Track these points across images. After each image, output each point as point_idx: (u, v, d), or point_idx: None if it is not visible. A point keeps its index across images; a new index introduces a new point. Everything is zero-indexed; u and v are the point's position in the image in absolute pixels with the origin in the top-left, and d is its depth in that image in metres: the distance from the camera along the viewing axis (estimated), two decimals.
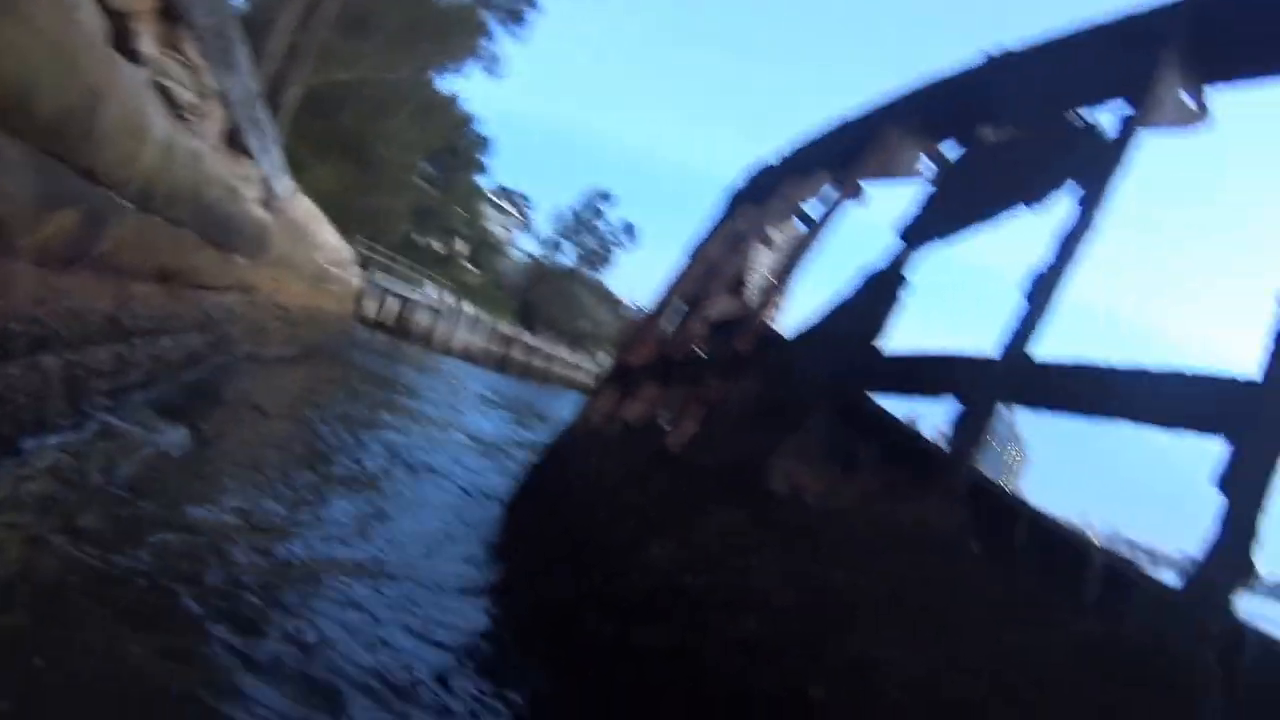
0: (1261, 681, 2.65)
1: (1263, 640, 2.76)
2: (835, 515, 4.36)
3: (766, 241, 9.15)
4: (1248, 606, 2.91)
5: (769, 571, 4.30)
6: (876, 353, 5.23)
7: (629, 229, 72.06)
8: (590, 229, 71.33)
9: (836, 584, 3.93)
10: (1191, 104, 4.83)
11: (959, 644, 3.29)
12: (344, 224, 25.24)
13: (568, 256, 70.75)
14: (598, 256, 71.53)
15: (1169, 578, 3.14)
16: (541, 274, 66.63)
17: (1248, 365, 3.23)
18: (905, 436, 4.84)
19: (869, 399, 5.17)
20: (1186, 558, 3.00)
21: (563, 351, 53.58)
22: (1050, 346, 4.16)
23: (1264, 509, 2.83)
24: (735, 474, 5.15)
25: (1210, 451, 3.06)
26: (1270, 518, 2.81)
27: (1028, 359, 4.12)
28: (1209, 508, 2.94)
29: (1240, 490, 2.90)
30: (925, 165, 6.94)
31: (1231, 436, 3.04)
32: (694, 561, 4.76)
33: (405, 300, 40.47)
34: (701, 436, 6.15)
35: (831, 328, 5.72)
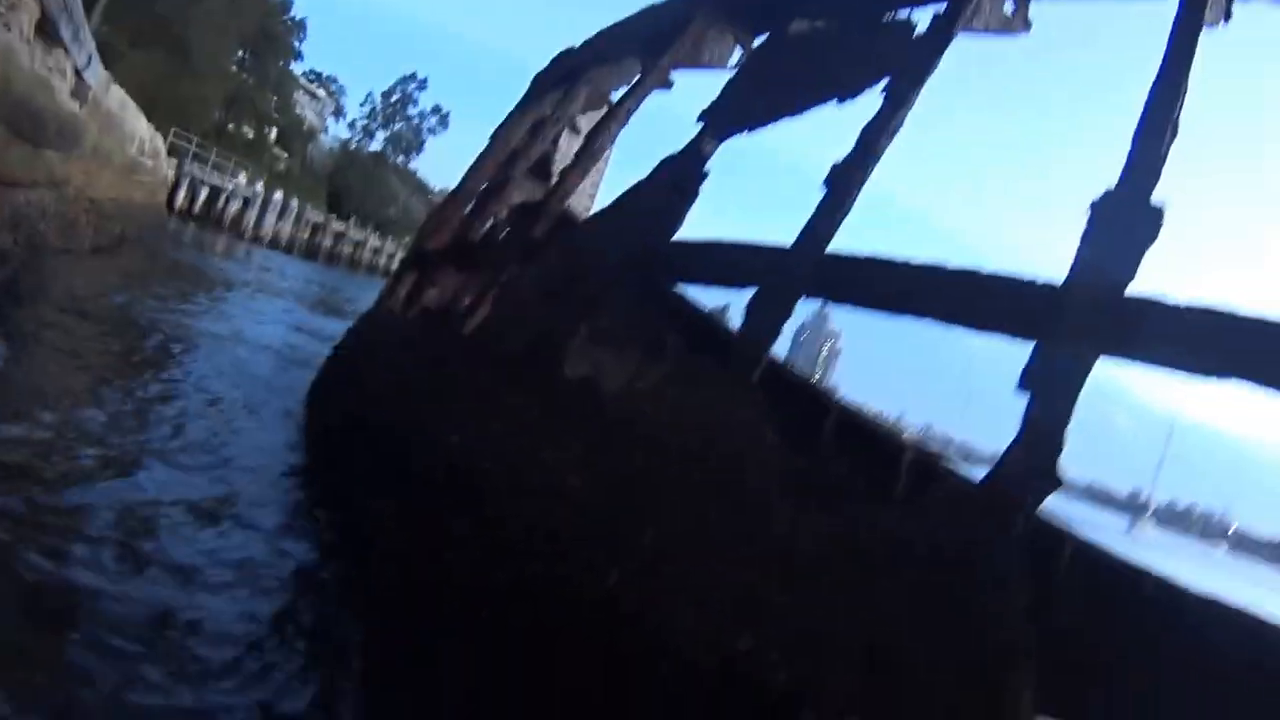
0: (1072, 581, 2.63)
1: (1073, 540, 2.75)
2: (629, 400, 4.10)
3: (574, 128, 8.52)
4: (1062, 509, 2.87)
5: (561, 458, 4.01)
6: (671, 239, 4.88)
7: (440, 113, 68.97)
8: (401, 114, 67.72)
9: (630, 472, 3.70)
10: (1011, 12, 4.66)
11: (755, 535, 3.12)
12: (156, 113, 23.19)
13: (378, 142, 67.04)
14: (408, 142, 68.15)
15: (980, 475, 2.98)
16: (351, 160, 62.63)
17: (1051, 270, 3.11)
18: (703, 324, 4.49)
19: (665, 286, 4.75)
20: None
21: (371, 238, 51.53)
22: (854, 242, 3.94)
23: (1068, 411, 2.72)
24: (529, 359, 4.84)
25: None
26: (1078, 420, 2.71)
27: (826, 251, 3.86)
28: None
29: (1044, 391, 2.80)
30: (736, 55, 6.62)
31: (1036, 339, 2.93)
32: (488, 448, 4.44)
33: (216, 189, 37.82)
34: (496, 321, 5.76)
35: (628, 213, 5.36)
